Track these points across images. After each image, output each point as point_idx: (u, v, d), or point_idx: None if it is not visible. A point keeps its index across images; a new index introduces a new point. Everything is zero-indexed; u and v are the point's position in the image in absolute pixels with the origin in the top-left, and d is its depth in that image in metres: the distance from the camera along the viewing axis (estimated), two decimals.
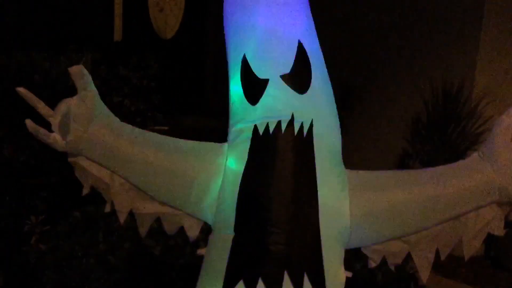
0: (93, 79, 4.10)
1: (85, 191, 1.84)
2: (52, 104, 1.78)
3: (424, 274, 1.82)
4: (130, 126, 1.83)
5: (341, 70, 6.07)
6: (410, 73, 5.92)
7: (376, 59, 6.31)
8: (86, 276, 2.93)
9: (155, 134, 1.87)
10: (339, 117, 1.82)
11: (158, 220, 1.88)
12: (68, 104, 1.74)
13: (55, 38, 5.26)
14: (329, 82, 1.80)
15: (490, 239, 5.04)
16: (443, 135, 5.28)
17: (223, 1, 1.81)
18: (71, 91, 1.79)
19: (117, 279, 2.90)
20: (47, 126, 1.76)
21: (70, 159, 1.80)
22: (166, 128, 5.76)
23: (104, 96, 4.53)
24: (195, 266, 1.83)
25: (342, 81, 6.31)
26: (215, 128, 1.86)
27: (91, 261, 2.99)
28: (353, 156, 6.33)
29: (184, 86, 8.39)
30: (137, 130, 1.84)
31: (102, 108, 1.80)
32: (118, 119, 1.83)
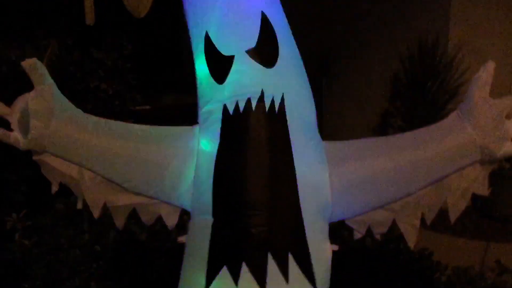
0: (67, 65, 3.95)
1: (54, 188, 1.78)
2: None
3: (411, 241, 1.80)
4: (94, 117, 1.76)
5: (317, 35, 6.01)
6: (386, 32, 5.88)
7: (351, 21, 6.24)
8: (74, 267, 2.90)
9: (121, 123, 1.80)
10: (318, 84, 1.75)
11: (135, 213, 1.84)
12: (26, 100, 1.66)
13: (21, 24, 5.10)
14: (298, 53, 1.74)
15: None
16: (422, 91, 5.28)
17: None
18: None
19: (105, 267, 2.88)
20: (7, 125, 1.68)
21: (34, 157, 1.73)
22: (147, 107, 5.68)
23: (80, 82, 4.40)
24: (182, 250, 1.79)
25: (318, 46, 6.28)
26: (195, 104, 1.82)
27: (78, 252, 2.97)
28: (336, 120, 6.33)
29: (162, 64, 8.28)
30: (102, 121, 1.76)
31: (62, 101, 1.72)
32: (81, 111, 1.76)
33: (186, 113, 1.88)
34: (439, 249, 3.22)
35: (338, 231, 2.42)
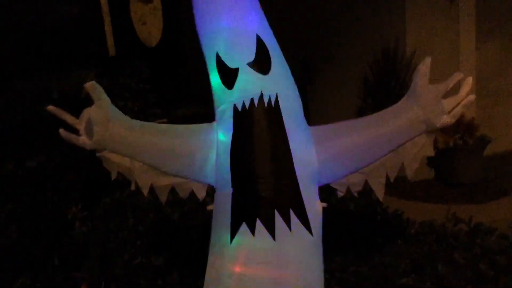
0: None
1: (113, 176, 1.94)
2: (72, 114, 1.88)
3: (380, 195, 1.96)
4: (138, 121, 1.93)
5: (299, 50, 6.16)
6: (355, 43, 6.00)
7: (326, 35, 6.36)
8: (123, 245, 3.05)
9: (159, 124, 1.99)
10: (304, 90, 1.94)
11: (173, 191, 1.98)
12: (89, 112, 1.83)
13: (61, 60, 5.28)
14: (285, 63, 1.91)
15: (437, 164, 5.25)
16: (387, 89, 5.42)
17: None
18: (83, 103, 1.89)
19: (147, 244, 3.01)
20: (75, 132, 1.86)
21: (97, 154, 1.90)
22: (165, 120, 5.84)
23: (111, 102, 4.58)
24: (207, 225, 1.93)
25: (301, 60, 6.44)
26: (201, 113, 1.99)
27: (125, 233, 3.11)
28: (320, 119, 6.48)
29: (173, 83, 8.40)
30: (145, 123, 1.93)
31: (115, 111, 1.89)
32: (129, 117, 1.92)
33: (194, 121, 2.01)
34: (410, 212, 3.37)
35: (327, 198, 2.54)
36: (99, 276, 2.95)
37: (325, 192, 2.01)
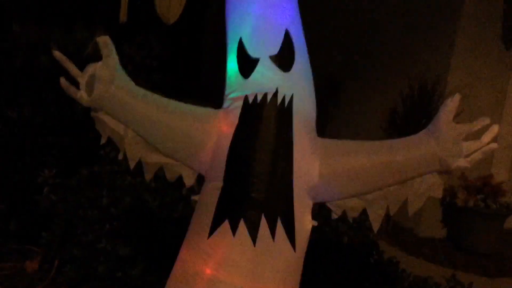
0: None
1: (103, 140, 2.04)
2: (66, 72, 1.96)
3: (375, 226, 2.05)
4: (142, 89, 2.02)
5: (327, 64, 6.26)
6: (389, 68, 6.10)
7: (359, 54, 6.47)
8: (91, 225, 3.14)
9: (165, 98, 2.05)
10: (325, 107, 2.05)
11: (156, 178, 2.09)
12: (94, 67, 1.92)
13: (67, 13, 5.41)
14: (309, 65, 2.02)
15: (452, 223, 5.34)
16: (416, 126, 5.46)
17: None
18: (85, 62, 1.99)
19: (117, 228, 3.11)
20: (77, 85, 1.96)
21: (92, 114, 2.00)
22: None
23: None
24: (187, 219, 2.01)
25: (328, 74, 6.56)
26: None
27: (95, 212, 3.20)
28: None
29: (182, 71, 8.51)
30: (149, 93, 2.02)
31: (122, 73, 1.98)
32: (133, 83, 2.01)
33: None
34: (409, 268, 3.46)
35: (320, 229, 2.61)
36: (55, 253, 3.03)
37: (319, 211, 2.11)
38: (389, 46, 6.17)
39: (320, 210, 2.15)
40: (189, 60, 8.85)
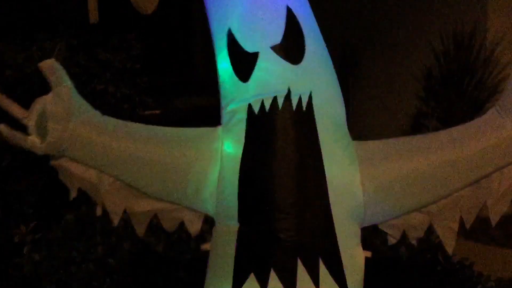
0: (72, 67, 4.08)
1: (73, 195, 1.86)
2: (29, 103, 1.78)
3: (449, 245, 1.86)
4: (113, 119, 1.85)
5: (342, 28, 6.08)
6: (417, 24, 5.92)
7: (379, 12, 6.30)
8: (87, 282, 2.98)
9: (141, 125, 1.89)
10: (344, 80, 1.83)
11: (156, 217, 1.90)
12: (43, 103, 1.74)
13: (23, 26, 5.24)
14: (325, 48, 1.81)
15: None
16: (459, 89, 5.32)
17: None
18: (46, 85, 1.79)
19: (120, 282, 2.96)
20: (24, 129, 1.76)
21: (52, 162, 1.82)
22: (157, 112, 5.78)
23: (86, 85, 4.52)
24: (202, 260, 1.86)
25: (344, 40, 6.36)
26: (209, 106, 1.89)
27: (90, 266, 3.05)
28: (363, 122, 6.40)
29: (173, 64, 8.38)
30: (121, 122, 1.85)
31: (81, 103, 1.80)
32: (99, 113, 1.84)
33: (200, 117, 1.96)
34: (481, 260, 3.29)
35: (369, 239, 2.48)
36: None
37: (365, 229, 1.90)
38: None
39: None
40: (179, 54, 8.68)
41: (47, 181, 3.20)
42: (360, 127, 5.87)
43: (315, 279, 1.65)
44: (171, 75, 7.76)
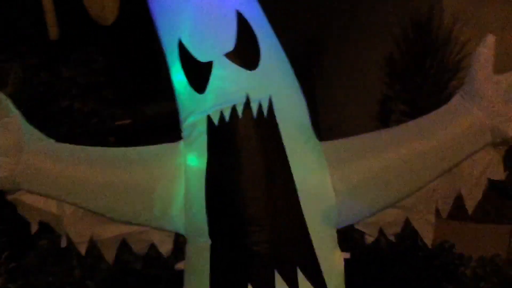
0: (34, 86, 3.93)
1: (34, 228, 1.77)
2: None
3: (428, 238, 1.81)
4: (68, 145, 1.76)
5: (303, 23, 6.03)
6: (376, 13, 5.88)
7: (339, 5, 6.24)
8: None
9: (99, 148, 1.80)
10: (309, 74, 1.76)
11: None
12: None
13: None
14: (281, 49, 1.74)
15: None
16: (421, 70, 5.30)
17: None
18: None
19: None
20: None
21: (8, 197, 1.72)
22: (128, 121, 5.67)
23: (50, 102, 4.38)
24: (181, 276, 1.79)
25: (306, 35, 6.30)
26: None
27: None
28: (333, 113, 6.34)
29: (137, 73, 8.25)
30: (78, 148, 1.76)
31: (32, 132, 1.72)
32: (53, 141, 1.75)
33: (171, 121, 1.89)
34: (461, 239, 3.24)
35: (347, 233, 2.42)
36: None
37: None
38: None
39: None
40: (142, 62, 8.57)
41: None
42: (330, 118, 5.83)
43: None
44: (136, 84, 7.65)
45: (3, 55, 4.39)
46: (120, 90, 5.39)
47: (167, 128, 1.87)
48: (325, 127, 1.78)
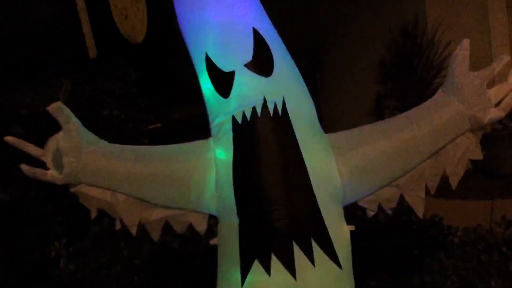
0: (79, 99, 3.98)
1: (93, 214, 1.83)
2: (43, 137, 1.75)
3: (419, 211, 1.83)
4: (118, 145, 1.81)
5: (306, 34, 6.02)
6: (368, 22, 5.87)
7: (336, 17, 6.23)
8: (117, 282, 2.92)
9: (143, 147, 1.85)
10: (313, 77, 1.80)
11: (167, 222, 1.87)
12: (56, 140, 1.71)
13: (32, 66, 5.15)
14: (291, 60, 1.78)
15: None
16: (410, 70, 5.30)
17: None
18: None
19: (146, 278, 2.89)
20: (43, 164, 1.73)
21: (71, 190, 1.78)
22: (159, 125, 5.71)
23: (93, 112, 4.43)
24: (213, 251, 1.82)
25: (309, 45, 6.30)
26: (200, 114, 1.85)
27: (119, 267, 2.98)
28: (334, 110, 6.35)
29: (164, 83, 8.27)
30: (126, 147, 1.81)
31: (89, 136, 1.77)
32: (106, 142, 1.80)
33: (196, 123, 1.93)
34: (449, 213, 3.22)
35: (352, 212, 2.44)
36: None
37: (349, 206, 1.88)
38: (363, 3, 5.89)
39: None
40: (169, 73, 8.59)
41: (72, 201, 3.15)
42: (332, 114, 5.84)
43: (310, 257, 1.61)
44: (163, 93, 7.67)
45: (53, 73, 4.44)
46: (151, 98, 5.39)
47: (192, 130, 1.90)
48: (327, 122, 1.81)
